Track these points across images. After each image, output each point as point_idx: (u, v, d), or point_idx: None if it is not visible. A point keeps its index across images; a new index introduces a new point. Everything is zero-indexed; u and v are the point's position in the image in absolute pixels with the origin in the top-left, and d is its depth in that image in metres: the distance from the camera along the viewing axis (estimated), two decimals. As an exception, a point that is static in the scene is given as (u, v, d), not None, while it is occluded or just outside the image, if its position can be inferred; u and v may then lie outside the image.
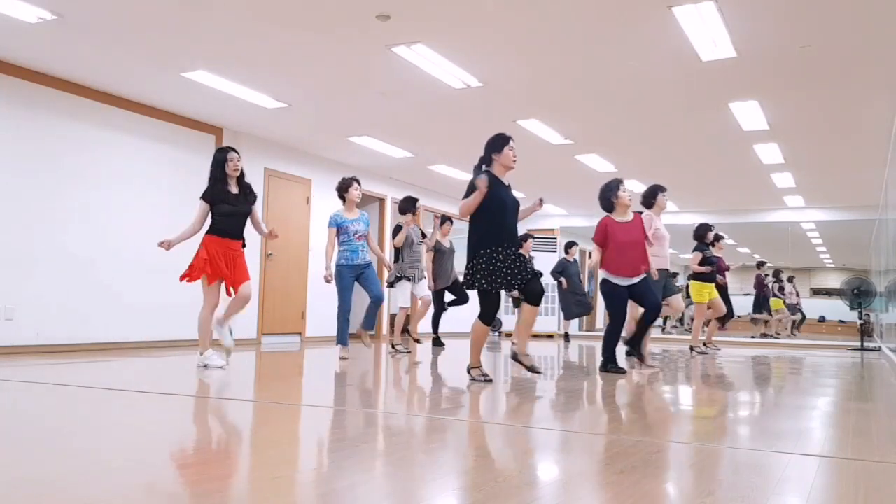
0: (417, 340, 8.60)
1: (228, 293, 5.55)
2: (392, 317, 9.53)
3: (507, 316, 14.13)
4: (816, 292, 18.12)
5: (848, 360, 8.48)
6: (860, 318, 11.01)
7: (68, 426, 2.94)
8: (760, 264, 14.06)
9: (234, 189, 5.46)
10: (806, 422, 3.39)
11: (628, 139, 8.86)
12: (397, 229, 7.90)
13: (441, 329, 8.89)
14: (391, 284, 8.02)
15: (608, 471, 2.26)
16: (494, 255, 4.58)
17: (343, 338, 6.60)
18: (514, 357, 4.92)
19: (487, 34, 5.61)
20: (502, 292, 4.76)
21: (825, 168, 10.22)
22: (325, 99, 7.45)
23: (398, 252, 7.94)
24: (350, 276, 6.54)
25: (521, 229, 16.24)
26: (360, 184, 6.81)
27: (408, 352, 7.90)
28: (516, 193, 4.73)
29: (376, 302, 6.66)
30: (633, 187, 11.60)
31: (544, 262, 14.53)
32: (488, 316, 4.67)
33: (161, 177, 7.94)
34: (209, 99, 7.44)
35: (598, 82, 6.72)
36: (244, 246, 5.56)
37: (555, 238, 14.36)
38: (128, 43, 5.96)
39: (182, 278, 5.44)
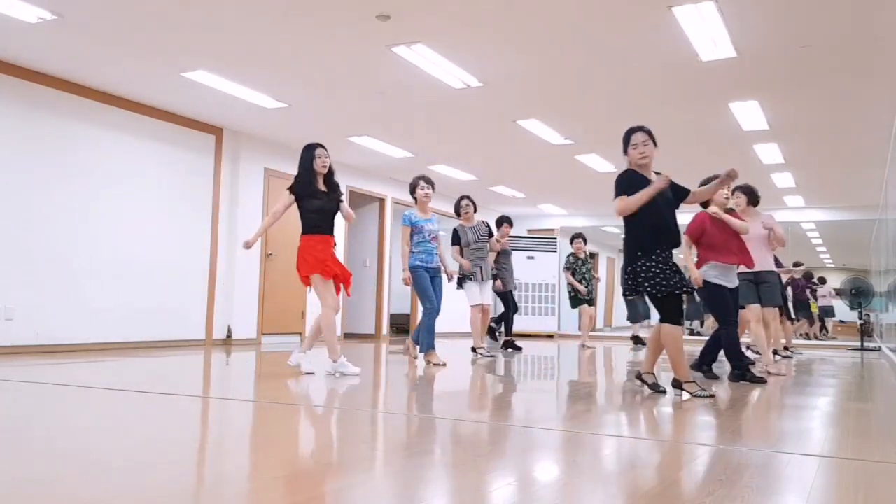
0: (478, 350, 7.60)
1: (338, 291, 5.24)
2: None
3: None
4: (816, 292, 18.11)
5: (848, 360, 8.48)
6: (860, 318, 11.02)
7: (68, 426, 2.94)
8: (797, 265, 13.75)
9: (322, 186, 5.24)
10: (806, 422, 3.39)
11: (628, 139, 8.84)
12: (456, 235, 7.56)
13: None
14: (460, 285, 7.50)
15: (608, 470, 2.26)
16: (661, 256, 4.21)
17: (433, 341, 6.27)
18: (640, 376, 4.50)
19: (487, 34, 5.61)
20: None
21: (825, 168, 10.22)
22: (325, 99, 7.45)
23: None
24: (427, 276, 6.22)
25: (521, 230, 15.98)
26: (428, 183, 6.39)
27: (492, 356, 7.36)
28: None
29: (437, 312, 6.31)
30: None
31: (544, 262, 14.50)
32: (679, 315, 4.19)
33: (161, 177, 7.95)
34: (209, 99, 7.44)
35: (598, 82, 6.72)
36: (335, 244, 5.32)
37: (555, 238, 14.35)
38: (128, 43, 5.96)
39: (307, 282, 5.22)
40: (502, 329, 9.34)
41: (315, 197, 5.16)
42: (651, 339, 4.47)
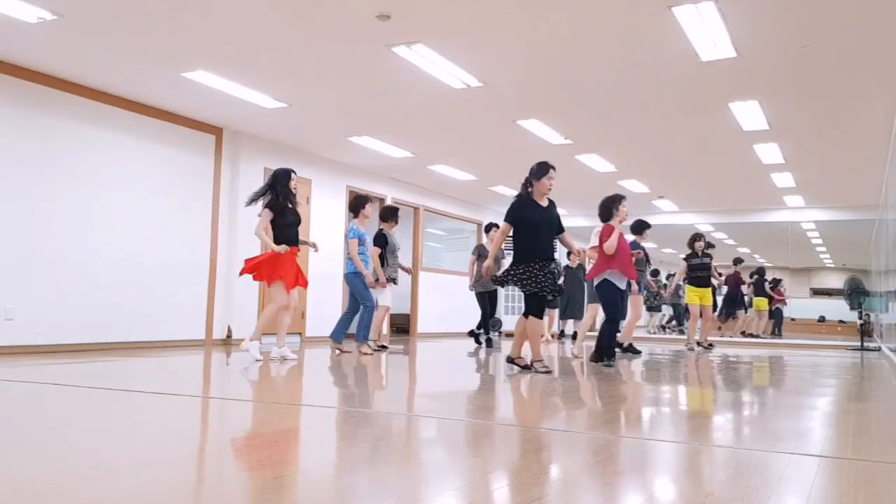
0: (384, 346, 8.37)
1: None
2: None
3: (508, 316, 14.14)
4: (816, 292, 18.11)
5: (848, 360, 8.48)
6: (860, 318, 11.03)
7: (68, 426, 2.94)
8: (738, 261, 13.63)
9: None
10: (806, 422, 3.39)
11: (628, 139, 8.85)
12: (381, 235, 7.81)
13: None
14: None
15: (608, 471, 2.26)
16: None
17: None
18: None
19: (487, 34, 5.61)
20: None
21: (825, 168, 10.22)
22: (325, 99, 7.45)
23: (382, 257, 7.74)
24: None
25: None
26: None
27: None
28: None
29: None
30: (633, 187, 11.64)
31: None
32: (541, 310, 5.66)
33: (161, 177, 7.94)
34: (209, 99, 7.44)
35: (599, 82, 6.72)
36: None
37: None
38: (128, 43, 5.96)
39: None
40: (481, 331, 9.77)
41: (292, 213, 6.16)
42: (520, 329, 5.61)
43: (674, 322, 15.57)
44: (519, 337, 5.65)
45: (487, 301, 9.48)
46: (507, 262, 6.22)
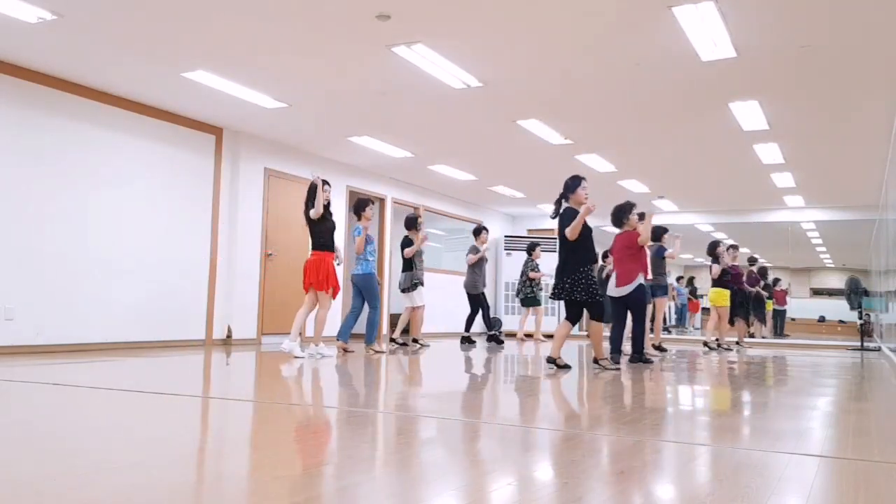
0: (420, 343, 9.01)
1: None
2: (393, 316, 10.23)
3: (508, 316, 14.14)
4: (816, 292, 18.09)
5: (848, 360, 8.49)
6: (860, 318, 11.04)
7: (68, 426, 2.94)
8: (752, 260, 13.27)
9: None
10: (806, 422, 3.39)
11: (628, 139, 8.85)
12: (408, 242, 8.55)
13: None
14: (406, 290, 8.63)
15: (608, 471, 2.27)
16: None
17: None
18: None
19: (487, 34, 5.61)
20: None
21: (825, 168, 10.22)
22: (325, 99, 7.45)
23: (412, 261, 8.53)
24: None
25: (521, 230, 16.13)
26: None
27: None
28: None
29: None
30: (633, 187, 11.64)
31: (544, 262, 14.55)
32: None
33: (161, 177, 7.94)
34: (209, 99, 7.44)
35: (598, 82, 6.72)
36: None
37: (555, 238, 14.33)
38: (128, 43, 5.96)
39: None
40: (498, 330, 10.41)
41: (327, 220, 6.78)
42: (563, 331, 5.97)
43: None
44: (561, 339, 6.00)
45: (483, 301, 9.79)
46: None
